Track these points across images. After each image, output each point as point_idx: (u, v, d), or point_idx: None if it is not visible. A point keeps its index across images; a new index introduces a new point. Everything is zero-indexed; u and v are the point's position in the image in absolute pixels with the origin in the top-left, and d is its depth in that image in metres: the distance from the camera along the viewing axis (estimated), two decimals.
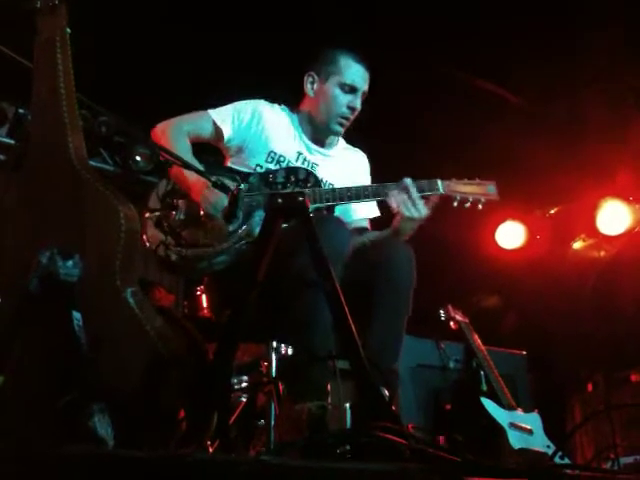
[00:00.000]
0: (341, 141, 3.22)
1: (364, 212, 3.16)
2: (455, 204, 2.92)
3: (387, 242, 2.88)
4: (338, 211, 3.04)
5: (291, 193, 2.77)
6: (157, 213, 2.78)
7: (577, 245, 5.86)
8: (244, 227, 2.75)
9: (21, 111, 4.55)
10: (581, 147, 5.10)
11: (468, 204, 2.92)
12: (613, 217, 5.47)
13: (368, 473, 1.39)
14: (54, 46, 2.21)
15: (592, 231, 5.64)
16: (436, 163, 4.99)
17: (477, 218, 3.28)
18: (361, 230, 3.10)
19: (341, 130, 3.08)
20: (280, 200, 2.29)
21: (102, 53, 4.14)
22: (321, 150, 3.11)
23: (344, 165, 3.13)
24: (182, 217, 2.75)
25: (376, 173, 3.26)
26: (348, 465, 1.58)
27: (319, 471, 1.39)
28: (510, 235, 5.98)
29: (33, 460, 1.51)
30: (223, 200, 2.59)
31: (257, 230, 2.71)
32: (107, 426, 1.97)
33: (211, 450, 2.18)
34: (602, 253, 5.71)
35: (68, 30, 2.23)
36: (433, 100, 4.90)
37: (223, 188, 2.51)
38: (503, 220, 5.94)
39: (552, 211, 5.92)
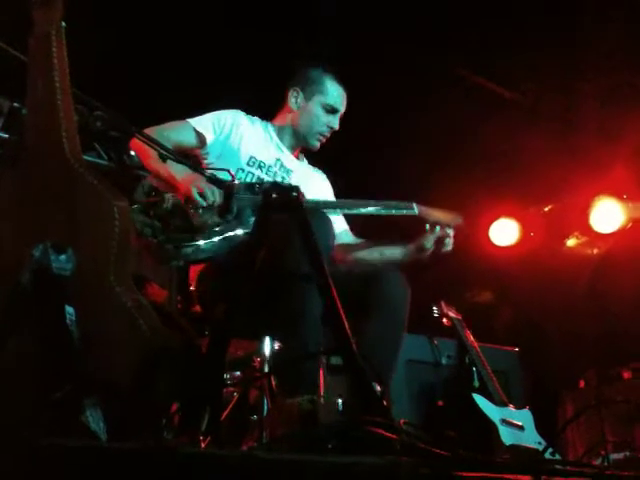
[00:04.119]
0: (305, 159, 3.35)
1: (342, 225, 3.25)
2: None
3: (382, 270, 2.94)
4: None
5: (285, 187, 2.78)
6: (143, 203, 2.78)
7: (571, 242, 5.87)
8: (234, 221, 2.76)
9: (16, 105, 4.53)
10: (575, 144, 5.12)
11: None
12: (606, 215, 5.48)
13: (359, 466, 1.39)
14: (49, 40, 2.20)
15: (585, 228, 5.65)
16: (431, 159, 5.02)
17: (471, 215, 3.30)
18: (348, 244, 3.21)
19: (317, 146, 3.23)
20: (274, 195, 2.31)
21: (98, 47, 4.13)
22: (295, 160, 3.25)
23: (308, 180, 3.22)
24: (169, 207, 2.76)
25: (373, 170, 3.30)
26: (339, 459, 1.59)
27: (309, 465, 1.40)
28: (504, 232, 5.97)
29: (26, 453, 1.52)
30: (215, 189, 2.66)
31: (250, 223, 2.73)
32: (99, 420, 1.98)
33: (203, 445, 2.19)
34: (595, 250, 5.73)
35: (64, 24, 2.23)
36: (427, 96, 4.90)
37: (218, 182, 2.52)
38: (497, 217, 5.94)
39: (546, 208, 5.92)
